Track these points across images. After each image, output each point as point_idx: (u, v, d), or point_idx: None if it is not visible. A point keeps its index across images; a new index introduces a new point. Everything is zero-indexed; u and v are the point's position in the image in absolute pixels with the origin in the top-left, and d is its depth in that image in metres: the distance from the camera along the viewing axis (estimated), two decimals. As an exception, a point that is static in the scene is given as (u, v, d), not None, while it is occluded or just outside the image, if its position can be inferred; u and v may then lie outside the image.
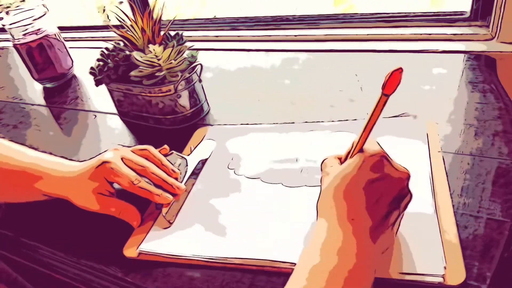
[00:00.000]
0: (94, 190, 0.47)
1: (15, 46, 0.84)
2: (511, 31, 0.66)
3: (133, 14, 0.63)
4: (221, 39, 0.93)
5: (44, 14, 0.84)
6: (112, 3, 1.95)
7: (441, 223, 0.40)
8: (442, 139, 0.50)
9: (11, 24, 0.82)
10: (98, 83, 0.65)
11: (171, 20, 0.66)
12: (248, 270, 0.41)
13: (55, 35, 0.87)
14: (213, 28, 0.95)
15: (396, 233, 0.39)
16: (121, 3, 1.75)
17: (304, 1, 1.52)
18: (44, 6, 0.85)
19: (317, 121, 0.58)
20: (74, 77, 0.92)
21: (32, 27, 0.83)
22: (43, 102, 0.85)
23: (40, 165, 0.50)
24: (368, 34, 0.77)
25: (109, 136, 0.68)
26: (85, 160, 0.50)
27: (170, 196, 0.47)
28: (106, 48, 0.65)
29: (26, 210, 0.54)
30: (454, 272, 0.36)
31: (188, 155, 0.55)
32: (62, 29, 0.91)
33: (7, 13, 0.84)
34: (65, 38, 0.91)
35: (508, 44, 0.67)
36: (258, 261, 0.41)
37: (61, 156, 0.54)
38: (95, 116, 0.75)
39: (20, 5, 0.88)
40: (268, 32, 0.88)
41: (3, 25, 0.83)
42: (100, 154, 0.49)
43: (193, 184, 0.52)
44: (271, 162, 0.53)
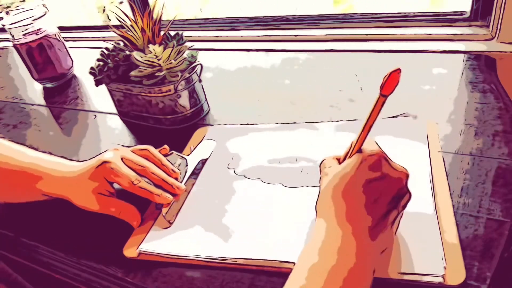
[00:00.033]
0: (94, 190, 0.47)
1: (15, 46, 0.85)
2: (511, 31, 0.66)
3: (133, 14, 0.63)
4: (221, 39, 0.93)
5: (44, 14, 0.84)
6: (112, 3, 1.95)
7: (441, 223, 0.40)
8: (442, 139, 0.50)
9: (11, 24, 0.82)
10: (98, 83, 0.65)
11: (171, 20, 0.66)
12: (248, 270, 0.41)
13: (55, 35, 0.87)
14: (213, 28, 0.95)
15: (395, 233, 0.39)
16: (121, 3, 1.75)
17: (304, 1, 1.52)
18: (44, 6, 0.85)
19: (317, 121, 0.58)
20: (74, 77, 0.92)
21: (32, 27, 0.83)
22: (43, 102, 0.85)
23: (40, 165, 0.50)
24: (368, 34, 0.77)
25: (109, 136, 0.68)
26: (85, 160, 0.50)
27: (170, 196, 0.47)
28: (106, 48, 0.65)
29: (26, 210, 0.54)
30: (454, 272, 0.36)
31: (188, 155, 0.55)
32: (62, 29, 0.91)
33: (7, 13, 0.84)
34: (65, 38, 0.91)
35: (508, 44, 0.67)
36: (258, 261, 0.41)
37: (61, 156, 0.54)
38: (95, 116, 0.75)
39: (20, 5, 0.87)
40: (268, 32, 0.88)
41: (3, 25, 0.83)
42: (100, 154, 0.49)
43: (193, 184, 0.52)
44: (271, 162, 0.53)
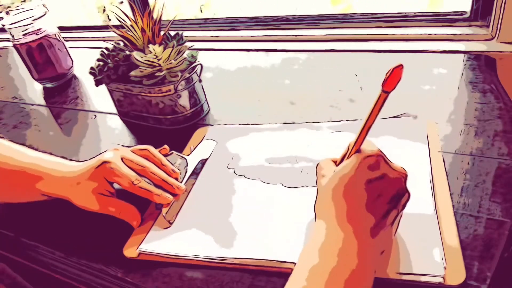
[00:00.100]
0: (94, 190, 0.47)
1: (15, 46, 0.85)
2: (511, 31, 0.66)
3: (133, 14, 0.63)
4: (221, 39, 0.93)
5: (44, 14, 0.84)
6: (112, 3, 1.95)
7: (441, 223, 0.40)
8: (442, 139, 0.50)
9: (11, 24, 0.82)
10: (98, 83, 0.65)
11: (171, 20, 0.66)
12: (248, 270, 0.41)
13: (55, 35, 0.87)
14: (213, 28, 0.95)
15: (395, 233, 0.39)
16: (121, 3, 1.75)
17: (304, 1, 1.52)
18: (44, 6, 0.85)
19: (317, 121, 0.58)
20: (74, 77, 0.92)
21: (32, 27, 0.83)
22: (43, 102, 0.85)
23: (40, 165, 0.50)
24: (368, 34, 0.77)
25: (109, 136, 0.68)
26: (85, 160, 0.50)
27: (170, 196, 0.47)
28: (106, 48, 0.65)
29: (26, 210, 0.54)
30: (454, 272, 0.36)
31: (188, 155, 0.55)
32: (62, 29, 0.91)
33: (7, 13, 0.84)
34: (65, 38, 0.91)
35: (508, 44, 0.67)
36: (258, 261, 0.41)
37: (61, 156, 0.54)
38: (95, 116, 0.75)
39: (20, 5, 0.87)
40: (268, 32, 0.88)
41: (3, 25, 0.83)
42: (100, 154, 0.49)
43: (193, 184, 0.52)
44: (271, 162, 0.53)
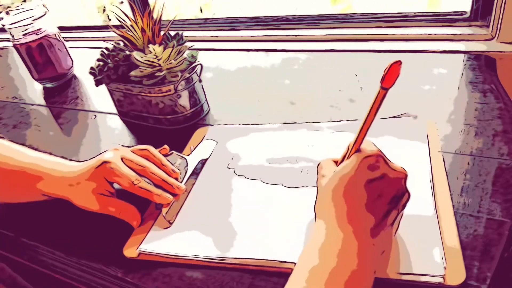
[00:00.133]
0: (94, 190, 0.47)
1: (15, 46, 0.84)
2: (511, 31, 0.66)
3: (133, 14, 0.63)
4: (221, 39, 0.93)
5: (44, 14, 0.84)
6: (112, 3, 1.95)
7: (441, 223, 0.40)
8: (442, 139, 0.50)
9: (11, 24, 0.82)
10: (98, 83, 0.65)
11: (171, 20, 0.66)
12: (248, 270, 0.41)
13: (55, 35, 0.87)
14: (213, 28, 0.95)
15: (395, 234, 0.39)
16: (121, 3, 1.75)
17: (304, 1, 1.52)
18: (44, 6, 0.85)
19: (317, 121, 0.58)
20: (74, 77, 0.92)
21: (32, 27, 0.83)
22: (43, 102, 0.85)
23: (40, 165, 0.50)
24: (368, 34, 0.77)
25: (109, 136, 0.68)
26: (85, 160, 0.50)
27: (170, 196, 0.47)
28: (106, 48, 0.65)
29: (26, 210, 0.54)
30: (454, 272, 0.36)
31: (188, 155, 0.55)
32: (62, 29, 0.91)
33: (7, 13, 0.84)
34: (65, 38, 0.91)
35: (508, 44, 0.67)
36: (258, 261, 0.41)
37: (61, 156, 0.54)
38: (95, 116, 0.75)
39: (20, 5, 0.87)
40: (268, 32, 0.88)
41: (3, 25, 0.83)
42: (100, 154, 0.49)
43: (193, 184, 0.52)
44: (271, 162, 0.53)
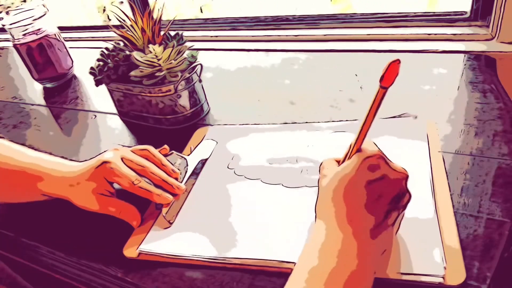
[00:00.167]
0: (94, 190, 0.47)
1: (15, 46, 0.84)
2: (511, 31, 0.66)
3: (133, 14, 0.63)
4: (221, 39, 0.93)
5: (44, 14, 0.84)
6: (112, 3, 1.95)
7: (441, 223, 0.40)
8: (442, 139, 0.50)
9: (11, 24, 0.82)
10: (98, 83, 0.65)
11: (171, 20, 0.66)
12: (248, 270, 0.41)
13: (55, 35, 0.87)
14: (213, 28, 0.95)
15: (396, 234, 0.39)
16: (121, 3, 1.75)
17: (304, 1, 1.52)
18: (44, 6, 0.85)
19: (317, 121, 0.58)
20: (74, 77, 0.92)
21: (32, 27, 0.83)
22: (43, 102, 0.85)
23: (40, 165, 0.50)
24: (368, 34, 0.77)
25: (109, 136, 0.68)
26: (85, 160, 0.50)
27: (170, 196, 0.47)
28: (106, 48, 0.65)
29: (26, 210, 0.54)
30: (454, 272, 0.36)
31: (188, 155, 0.55)
32: (62, 29, 0.91)
33: (7, 13, 0.84)
34: (65, 38, 0.91)
35: (508, 44, 0.67)
36: (258, 261, 0.41)
37: (61, 156, 0.54)
38: (95, 116, 0.75)
39: (21, 5, 0.87)
40: (268, 32, 0.88)
41: (3, 25, 0.83)
42: (100, 154, 0.49)
43: (193, 184, 0.52)
44: (271, 162, 0.53)
